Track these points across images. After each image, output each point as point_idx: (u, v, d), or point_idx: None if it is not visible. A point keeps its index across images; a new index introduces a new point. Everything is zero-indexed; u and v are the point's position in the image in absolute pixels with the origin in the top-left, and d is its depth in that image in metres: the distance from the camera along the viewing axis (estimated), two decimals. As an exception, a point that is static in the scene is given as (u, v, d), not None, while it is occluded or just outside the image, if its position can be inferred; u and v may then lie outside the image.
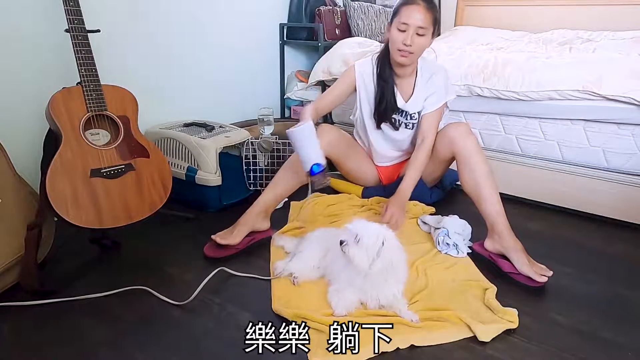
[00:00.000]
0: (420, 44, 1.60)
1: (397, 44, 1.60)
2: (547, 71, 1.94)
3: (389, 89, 1.74)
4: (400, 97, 1.76)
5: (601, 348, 1.16)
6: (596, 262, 1.57)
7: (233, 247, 1.54)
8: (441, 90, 1.74)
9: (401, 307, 1.23)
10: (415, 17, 1.55)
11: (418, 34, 1.57)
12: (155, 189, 1.55)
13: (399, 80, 1.75)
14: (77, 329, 1.19)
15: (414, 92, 1.75)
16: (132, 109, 1.55)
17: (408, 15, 1.56)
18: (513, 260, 1.42)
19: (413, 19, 1.55)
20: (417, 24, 1.56)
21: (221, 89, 2.45)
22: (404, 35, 1.57)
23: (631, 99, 1.73)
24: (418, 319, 1.20)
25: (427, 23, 1.57)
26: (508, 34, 3.25)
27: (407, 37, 1.57)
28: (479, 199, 1.53)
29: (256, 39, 2.64)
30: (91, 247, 1.57)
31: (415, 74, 1.75)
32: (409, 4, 1.57)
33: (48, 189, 1.33)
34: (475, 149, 1.57)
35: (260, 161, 1.96)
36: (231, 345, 1.13)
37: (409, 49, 1.59)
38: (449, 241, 1.57)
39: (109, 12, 1.83)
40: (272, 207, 1.66)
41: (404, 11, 1.57)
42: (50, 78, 1.67)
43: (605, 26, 3.05)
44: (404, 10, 1.57)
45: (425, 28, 1.57)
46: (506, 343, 1.16)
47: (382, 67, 1.73)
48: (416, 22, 1.55)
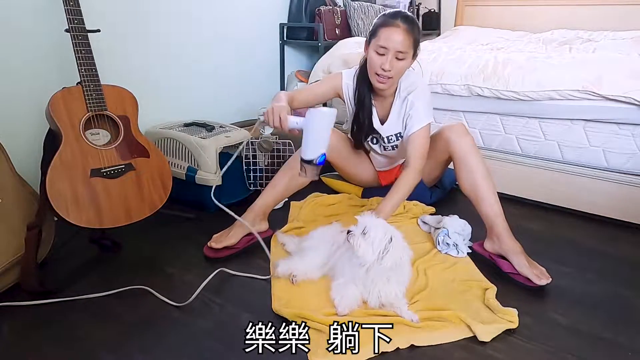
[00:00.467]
0: (399, 68, 1.50)
1: (375, 68, 1.50)
2: (547, 71, 1.94)
3: (365, 111, 1.64)
4: (376, 119, 1.67)
5: (601, 348, 1.16)
6: (596, 262, 1.57)
7: (233, 247, 1.54)
8: (418, 112, 1.58)
9: (402, 307, 1.23)
10: (395, 40, 1.45)
11: (397, 58, 1.47)
12: (155, 189, 1.55)
13: (378, 100, 1.66)
14: (77, 329, 1.19)
15: (389, 114, 1.66)
16: (132, 108, 1.55)
17: (387, 37, 1.45)
18: (512, 262, 1.42)
19: (392, 42, 1.45)
20: (396, 48, 1.45)
21: (221, 89, 2.45)
22: (383, 59, 1.47)
23: (631, 99, 1.74)
24: (418, 319, 1.20)
25: (406, 47, 1.46)
26: (508, 34, 3.25)
27: (386, 62, 1.47)
28: (477, 199, 1.53)
29: (256, 39, 2.64)
30: (91, 247, 1.57)
31: (395, 94, 1.64)
32: (388, 26, 1.46)
33: (48, 189, 1.33)
34: (471, 149, 1.56)
35: (260, 161, 1.96)
36: (231, 345, 1.13)
37: (387, 74, 1.49)
38: (449, 241, 1.57)
39: (109, 12, 1.83)
40: (270, 208, 1.66)
41: (383, 33, 1.46)
42: (50, 78, 1.67)
43: (605, 26, 3.06)
44: (383, 32, 1.46)
45: (404, 52, 1.47)
46: (506, 343, 1.16)
47: (361, 86, 1.63)
48: (396, 45, 1.45)
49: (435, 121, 2.20)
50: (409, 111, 1.59)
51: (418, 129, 1.57)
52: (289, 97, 1.52)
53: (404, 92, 1.62)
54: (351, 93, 1.68)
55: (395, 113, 1.65)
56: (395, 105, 1.64)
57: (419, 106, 1.58)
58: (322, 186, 2.08)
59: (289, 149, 1.95)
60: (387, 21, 1.47)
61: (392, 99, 1.65)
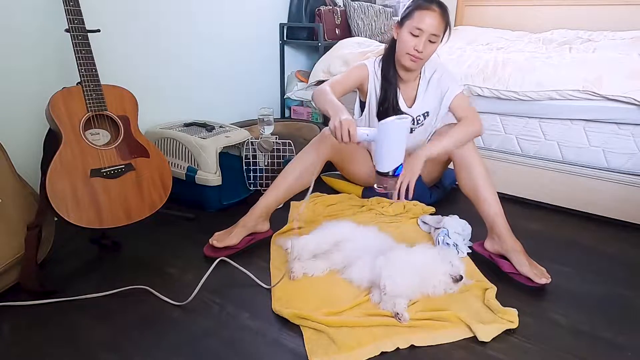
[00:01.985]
0: (430, 50, 1.56)
1: (408, 49, 1.55)
2: (547, 71, 1.94)
3: (392, 91, 1.68)
4: (402, 102, 1.72)
5: (601, 348, 1.16)
6: (596, 262, 1.57)
7: (233, 247, 1.54)
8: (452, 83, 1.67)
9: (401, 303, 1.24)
10: (431, 24, 1.51)
11: (430, 40, 1.53)
12: (155, 189, 1.55)
13: (402, 84, 1.70)
14: (77, 329, 1.19)
15: (416, 97, 1.71)
16: (132, 108, 1.55)
17: (423, 20, 1.51)
18: (513, 261, 1.43)
19: (428, 25, 1.51)
20: (431, 31, 1.51)
21: (221, 89, 2.45)
22: (417, 40, 1.53)
23: (631, 99, 1.74)
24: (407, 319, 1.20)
25: (440, 30, 1.53)
26: (508, 34, 3.25)
27: (420, 43, 1.52)
28: (477, 200, 1.53)
29: (256, 39, 2.64)
30: (91, 247, 1.57)
31: (419, 78, 1.71)
32: (425, 9, 1.51)
33: (48, 189, 1.33)
34: (471, 150, 1.56)
35: (260, 161, 1.96)
36: (231, 345, 1.14)
37: (419, 55, 1.54)
38: (449, 241, 1.56)
39: (109, 12, 1.83)
40: (272, 209, 1.66)
41: (419, 16, 1.52)
42: (50, 78, 1.67)
43: (605, 26, 3.06)
44: (419, 15, 1.52)
45: (437, 35, 1.53)
46: (506, 343, 1.16)
47: (386, 68, 1.67)
48: (431, 28, 1.51)
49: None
50: (440, 87, 1.67)
51: (458, 92, 1.65)
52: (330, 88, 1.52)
53: (429, 73, 1.70)
54: (377, 81, 1.71)
55: (422, 93, 1.71)
56: (421, 87, 1.71)
57: (448, 78, 1.68)
58: (322, 186, 2.08)
59: (289, 149, 1.95)
60: (423, 4, 1.52)
61: (416, 82, 1.72)
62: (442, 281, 1.31)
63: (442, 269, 1.33)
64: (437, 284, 1.31)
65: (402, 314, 1.20)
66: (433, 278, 1.31)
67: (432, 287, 1.31)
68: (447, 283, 1.32)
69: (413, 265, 1.31)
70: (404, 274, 1.27)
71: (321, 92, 1.50)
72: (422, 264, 1.33)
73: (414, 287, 1.29)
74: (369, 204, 1.90)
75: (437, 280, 1.31)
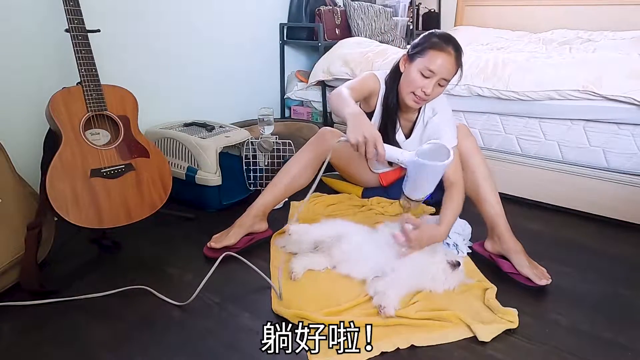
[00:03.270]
0: (437, 92, 1.48)
1: (414, 88, 1.46)
2: (547, 71, 1.94)
3: (390, 121, 1.60)
4: (400, 133, 1.65)
5: (601, 348, 1.16)
6: (596, 262, 1.57)
7: (232, 247, 1.54)
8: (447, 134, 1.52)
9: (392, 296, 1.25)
10: (444, 67, 1.41)
11: (440, 84, 1.45)
12: (155, 189, 1.55)
13: (402, 112, 1.62)
14: (77, 329, 1.19)
15: (413, 130, 1.64)
16: (132, 108, 1.55)
17: (437, 62, 1.40)
18: (513, 262, 1.43)
19: (442, 68, 1.41)
20: (443, 75, 1.42)
21: (221, 89, 2.45)
22: (426, 82, 1.43)
23: (631, 99, 1.74)
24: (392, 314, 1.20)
25: (452, 74, 1.44)
26: (508, 34, 3.26)
27: (429, 86, 1.43)
28: (478, 200, 1.53)
29: (256, 39, 2.64)
30: (91, 247, 1.57)
31: (419, 113, 1.63)
32: (441, 51, 1.40)
33: (48, 189, 1.33)
34: (473, 150, 1.56)
35: (260, 161, 1.96)
36: (231, 345, 1.14)
37: (425, 97, 1.46)
38: (449, 241, 1.56)
39: (109, 12, 1.83)
40: (270, 208, 1.66)
41: (433, 57, 1.41)
42: (50, 78, 1.67)
43: (605, 26, 3.06)
44: (433, 56, 1.41)
45: (448, 80, 1.45)
46: (506, 343, 1.16)
47: (389, 95, 1.58)
48: (443, 72, 1.41)
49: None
50: (435, 133, 1.55)
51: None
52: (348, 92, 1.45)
53: (429, 112, 1.60)
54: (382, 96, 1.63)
55: (418, 131, 1.63)
56: (419, 123, 1.63)
57: (447, 129, 1.54)
58: (322, 186, 2.08)
59: (289, 149, 1.95)
60: (440, 45, 1.41)
61: (415, 115, 1.63)
62: (440, 270, 1.31)
63: (439, 258, 1.33)
64: (435, 274, 1.31)
65: (386, 306, 1.20)
66: (431, 268, 1.32)
67: (431, 279, 1.31)
68: (446, 271, 1.31)
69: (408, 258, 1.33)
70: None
71: (339, 97, 1.41)
72: (417, 256, 1.34)
73: (410, 279, 1.29)
74: (369, 204, 1.90)
75: (435, 270, 1.30)
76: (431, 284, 1.31)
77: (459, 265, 1.33)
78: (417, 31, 3.62)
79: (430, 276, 1.31)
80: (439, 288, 1.31)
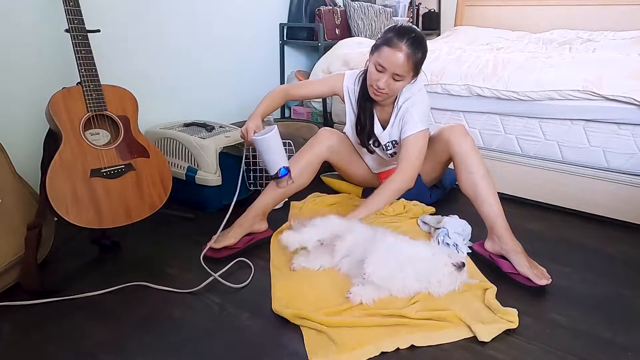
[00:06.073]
0: (395, 87, 1.51)
1: (371, 82, 1.52)
2: (547, 71, 1.94)
3: (366, 114, 1.66)
4: (378, 124, 1.70)
5: (601, 348, 1.16)
6: (596, 262, 1.57)
7: (232, 247, 1.54)
8: (412, 118, 1.58)
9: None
10: (394, 63, 1.44)
11: (394, 79, 1.48)
12: (155, 189, 1.55)
13: (379, 106, 1.67)
14: (77, 329, 1.19)
15: (389, 122, 1.68)
16: (132, 108, 1.55)
17: (387, 58, 1.45)
18: (513, 262, 1.42)
19: (392, 64, 1.45)
20: (394, 71, 1.46)
21: (221, 89, 2.45)
22: (379, 76, 1.48)
23: (631, 99, 1.73)
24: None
25: (405, 70, 1.46)
26: (508, 34, 3.26)
27: (382, 80, 1.48)
28: (477, 200, 1.53)
29: (256, 39, 2.64)
30: (91, 247, 1.57)
31: (394, 103, 1.65)
32: (391, 47, 1.44)
33: (48, 189, 1.33)
34: (471, 150, 1.56)
35: (260, 161, 1.96)
36: (231, 345, 1.14)
37: (382, 91, 1.51)
38: (449, 241, 1.56)
39: (109, 12, 1.83)
40: (269, 208, 1.66)
41: (384, 52, 1.45)
42: (50, 78, 1.67)
43: (605, 26, 3.06)
44: (384, 52, 1.45)
45: (402, 75, 1.47)
46: (506, 343, 1.16)
47: (363, 90, 1.64)
48: (394, 68, 1.45)
49: (435, 121, 2.21)
50: (403, 117, 1.61)
51: (411, 133, 1.58)
52: (283, 92, 1.61)
53: (402, 101, 1.63)
54: (352, 95, 1.69)
55: (393, 119, 1.66)
56: (393, 114, 1.66)
57: (414, 112, 1.59)
58: (322, 186, 2.09)
59: (289, 149, 1.95)
60: (392, 42, 1.44)
61: (392, 107, 1.67)
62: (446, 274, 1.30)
63: (443, 261, 1.32)
64: (441, 278, 1.30)
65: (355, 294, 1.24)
66: (436, 273, 1.31)
67: (437, 283, 1.30)
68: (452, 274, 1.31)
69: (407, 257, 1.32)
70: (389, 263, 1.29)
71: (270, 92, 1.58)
72: (419, 257, 1.33)
73: (409, 280, 1.29)
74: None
75: (442, 274, 1.30)
76: (437, 288, 1.30)
77: (464, 266, 1.32)
78: (417, 31, 3.62)
79: (436, 281, 1.30)
80: (445, 291, 1.31)
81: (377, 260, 1.29)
